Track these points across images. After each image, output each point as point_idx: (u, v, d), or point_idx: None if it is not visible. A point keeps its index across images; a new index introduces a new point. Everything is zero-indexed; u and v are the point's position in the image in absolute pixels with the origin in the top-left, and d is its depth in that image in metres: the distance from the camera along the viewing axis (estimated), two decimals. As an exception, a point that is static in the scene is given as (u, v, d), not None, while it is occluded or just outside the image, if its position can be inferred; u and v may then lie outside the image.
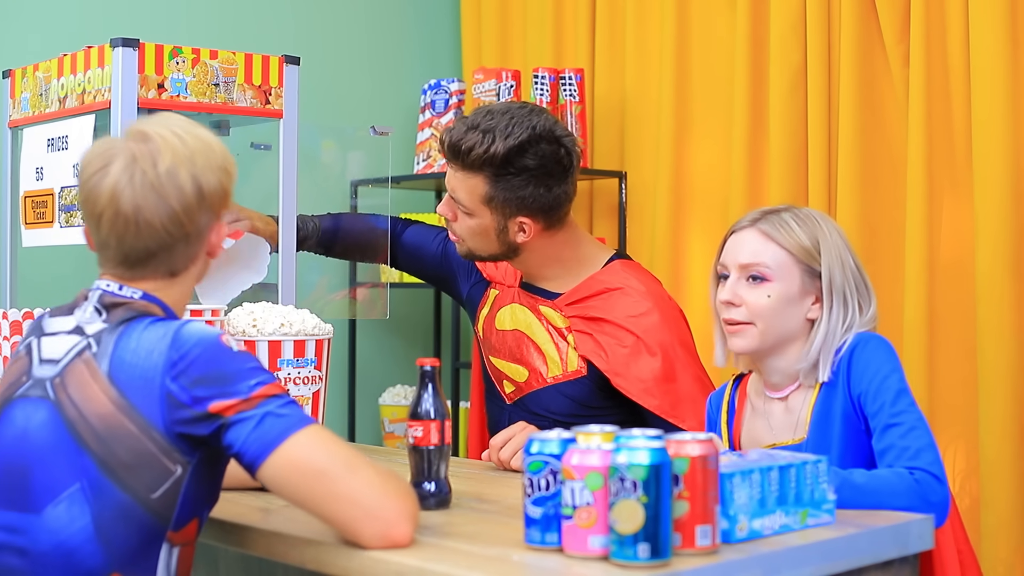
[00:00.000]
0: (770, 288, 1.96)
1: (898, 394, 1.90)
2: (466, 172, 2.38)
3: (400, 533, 1.55)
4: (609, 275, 2.44)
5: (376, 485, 1.55)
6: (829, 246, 1.98)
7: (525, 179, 2.35)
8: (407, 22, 3.92)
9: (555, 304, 2.46)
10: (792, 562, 1.54)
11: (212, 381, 1.57)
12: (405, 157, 3.76)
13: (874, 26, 2.94)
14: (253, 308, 2.27)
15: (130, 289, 1.67)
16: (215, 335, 1.61)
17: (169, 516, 1.59)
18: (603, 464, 1.47)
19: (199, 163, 1.66)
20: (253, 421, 1.56)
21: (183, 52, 2.40)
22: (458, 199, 2.41)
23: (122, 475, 1.56)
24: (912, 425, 1.87)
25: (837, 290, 1.97)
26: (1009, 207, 2.67)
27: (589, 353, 2.39)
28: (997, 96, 2.68)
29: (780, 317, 1.96)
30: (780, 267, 1.97)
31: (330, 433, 1.60)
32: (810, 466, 1.65)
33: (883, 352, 1.93)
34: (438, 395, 1.80)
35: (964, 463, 2.80)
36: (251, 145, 2.75)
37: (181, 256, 1.68)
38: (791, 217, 2.00)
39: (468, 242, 2.45)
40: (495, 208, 2.38)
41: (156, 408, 1.57)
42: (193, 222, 1.66)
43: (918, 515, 1.75)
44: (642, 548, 1.43)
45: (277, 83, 2.51)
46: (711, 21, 3.28)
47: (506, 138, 2.33)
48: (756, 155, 3.14)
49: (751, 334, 1.97)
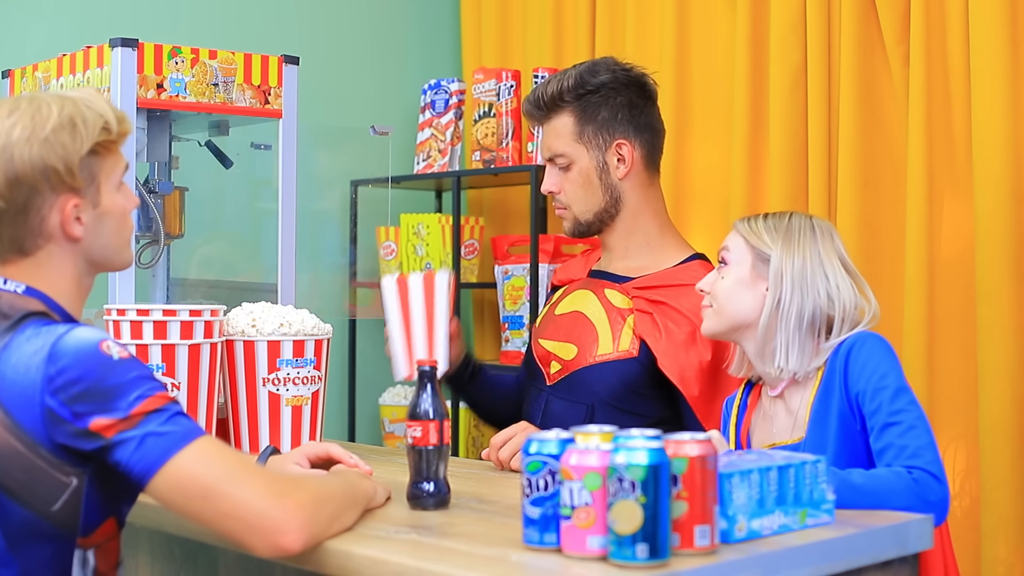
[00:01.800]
0: (726, 271, 2.08)
1: (896, 392, 1.90)
2: (552, 117, 2.44)
3: (288, 541, 1.52)
4: (687, 272, 2.44)
5: (261, 495, 1.52)
6: (792, 236, 2.04)
7: (604, 95, 2.42)
8: (407, 22, 3.92)
9: (623, 287, 2.46)
10: (791, 562, 1.54)
11: (91, 396, 1.52)
12: (405, 157, 3.77)
13: (874, 26, 2.94)
14: (252, 308, 2.27)
15: (13, 283, 1.64)
16: (94, 344, 1.55)
17: (74, 525, 1.57)
18: (601, 464, 1.47)
19: (15, 135, 1.60)
20: (134, 443, 1.51)
21: (182, 52, 2.40)
22: (555, 151, 2.44)
23: (19, 493, 1.54)
24: (911, 424, 1.87)
25: (789, 276, 2.01)
26: (1009, 207, 2.67)
27: (646, 332, 2.38)
28: (997, 96, 2.68)
29: (732, 298, 2.06)
30: (737, 252, 2.08)
31: (214, 446, 1.55)
32: (809, 466, 1.65)
33: (880, 350, 1.94)
34: (437, 395, 1.80)
35: (964, 463, 2.80)
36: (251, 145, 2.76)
37: (16, 230, 1.63)
38: (768, 215, 2.10)
39: (575, 207, 2.46)
40: (588, 140, 2.42)
41: (39, 425, 1.53)
42: (5, 197, 1.60)
43: (917, 515, 1.75)
44: (641, 548, 1.43)
45: (277, 83, 2.51)
46: (711, 21, 3.28)
47: (575, 68, 2.45)
48: (756, 155, 3.14)
49: (708, 314, 2.10)
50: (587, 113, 2.41)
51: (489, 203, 3.88)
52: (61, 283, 1.67)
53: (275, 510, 1.52)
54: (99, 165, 1.68)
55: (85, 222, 1.67)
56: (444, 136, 3.66)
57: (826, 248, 2.04)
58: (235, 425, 2.27)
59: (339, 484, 1.69)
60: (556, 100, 2.42)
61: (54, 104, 1.65)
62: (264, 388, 2.23)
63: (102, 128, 1.66)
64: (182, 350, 2.13)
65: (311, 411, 2.26)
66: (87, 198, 1.66)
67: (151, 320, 2.11)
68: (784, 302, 2.01)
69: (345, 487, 1.69)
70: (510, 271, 3.50)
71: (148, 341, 2.11)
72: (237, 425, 2.26)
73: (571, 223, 2.49)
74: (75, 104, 1.66)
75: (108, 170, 1.70)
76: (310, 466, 1.92)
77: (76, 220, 1.66)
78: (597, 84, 2.42)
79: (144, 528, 2.01)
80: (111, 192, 1.70)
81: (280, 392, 2.23)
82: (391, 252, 3.71)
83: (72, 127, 1.64)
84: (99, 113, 1.67)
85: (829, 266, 2.03)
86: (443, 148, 3.66)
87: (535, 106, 2.46)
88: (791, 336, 2.00)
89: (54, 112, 1.64)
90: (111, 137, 1.69)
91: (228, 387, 2.26)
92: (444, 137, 3.66)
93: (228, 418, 2.29)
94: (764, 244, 2.04)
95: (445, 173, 3.61)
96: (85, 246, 1.68)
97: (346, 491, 1.68)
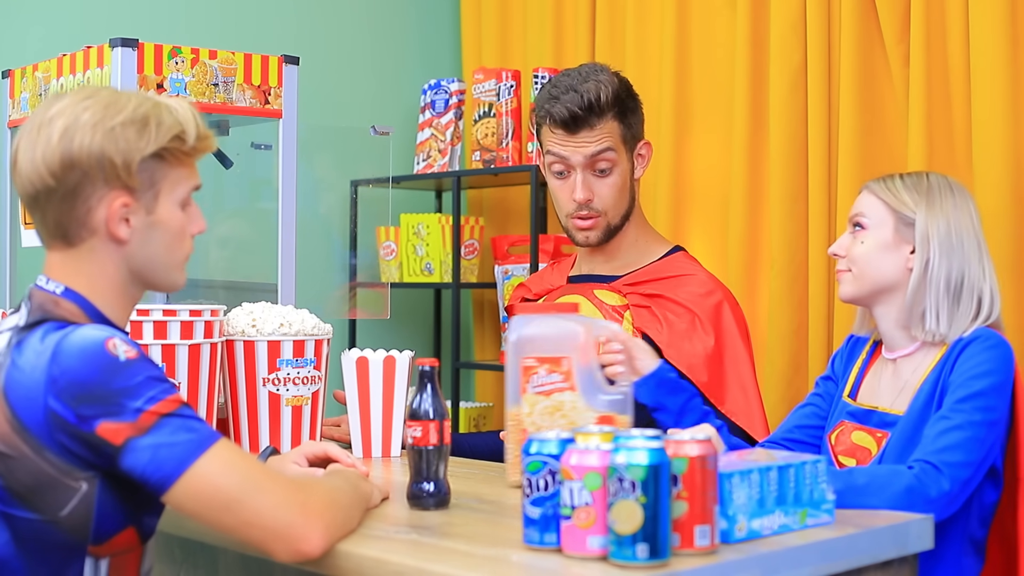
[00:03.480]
0: (864, 235, 2.05)
1: (974, 395, 1.89)
2: (602, 122, 2.40)
3: (311, 547, 1.51)
4: (673, 264, 2.46)
5: (282, 502, 1.51)
6: (935, 201, 2.02)
7: (632, 98, 2.46)
8: (407, 22, 3.92)
9: (612, 286, 2.46)
10: (791, 562, 1.54)
11: (97, 399, 1.47)
12: (405, 157, 3.77)
13: (874, 26, 2.94)
14: (252, 308, 2.27)
15: (54, 283, 1.60)
16: (99, 343, 1.49)
17: (85, 532, 1.53)
18: (602, 464, 1.47)
19: (84, 119, 1.55)
20: (148, 451, 1.47)
21: (182, 52, 2.40)
22: (605, 155, 2.40)
23: (27, 497, 1.51)
24: (959, 424, 1.87)
25: (937, 240, 2.00)
26: (1009, 207, 2.67)
27: (646, 324, 2.38)
28: (997, 96, 2.68)
29: (874, 263, 2.03)
30: (875, 215, 2.05)
31: (231, 451, 1.52)
32: (809, 466, 1.65)
33: (994, 354, 1.93)
34: (437, 395, 1.80)
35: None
36: (251, 145, 2.76)
37: (61, 214, 1.57)
38: (904, 176, 2.08)
39: (610, 211, 2.43)
40: (628, 143, 2.44)
41: (43, 427, 1.48)
42: (56, 177, 1.55)
43: (918, 515, 1.75)
44: (641, 548, 1.43)
45: (277, 83, 2.51)
46: (711, 21, 3.28)
47: (599, 73, 2.42)
48: (756, 155, 3.14)
49: (847, 280, 2.07)
50: (628, 116, 2.43)
51: (489, 203, 3.88)
52: (101, 283, 1.61)
53: (298, 519, 1.51)
54: (163, 172, 1.60)
55: (133, 225, 1.59)
56: (444, 136, 3.66)
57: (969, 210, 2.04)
58: (235, 425, 2.27)
59: (347, 487, 1.69)
60: (610, 103, 2.39)
61: (133, 99, 1.59)
62: (264, 388, 2.23)
63: (175, 136, 1.59)
64: (182, 350, 2.13)
65: (311, 411, 2.26)
66: (141, 201, 1.59)
67: (151, 320, 2.11)
68: (932, 265, 1.99)
69: (351, 489, 1.69)
70: (510, 271, 3.50)
71: (148, 341, 2.11)
72: (237, 425, 2.26)
73: (602, 230, 2.45)
74: (156, 106, 1.60)
75: (173, 181, 1.61)
76: (308, 466, 1.92)
77: (124, 221, 1.58)
78: (627, 87, 2.45)
79: (144, 528, 2.01)
80: (171, 205, 1.62)
81: (280, 392, 2.23)
82: (391, 252, 3.71)
83: (143, 125, 1.57)
84: (178, 120, 1.60)
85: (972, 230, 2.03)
86: (443, 148, 3.66)
87: (587, 112, 2.38)
88: (940, 299, 1.99)
89: (130, 106, 1.58)
90: (184, 148, 1.61)
91: (228, 387, 2.26)
92: (444, 137, 3.66)
93: (228, 418, 2.29)
94: (906, 207, 2.02)
95: (445, 173, 3.61)
96: (130, 252, 1.60)
97: (353, 493, 1.69)
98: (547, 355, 1.91)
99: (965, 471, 1.85)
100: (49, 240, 1.62)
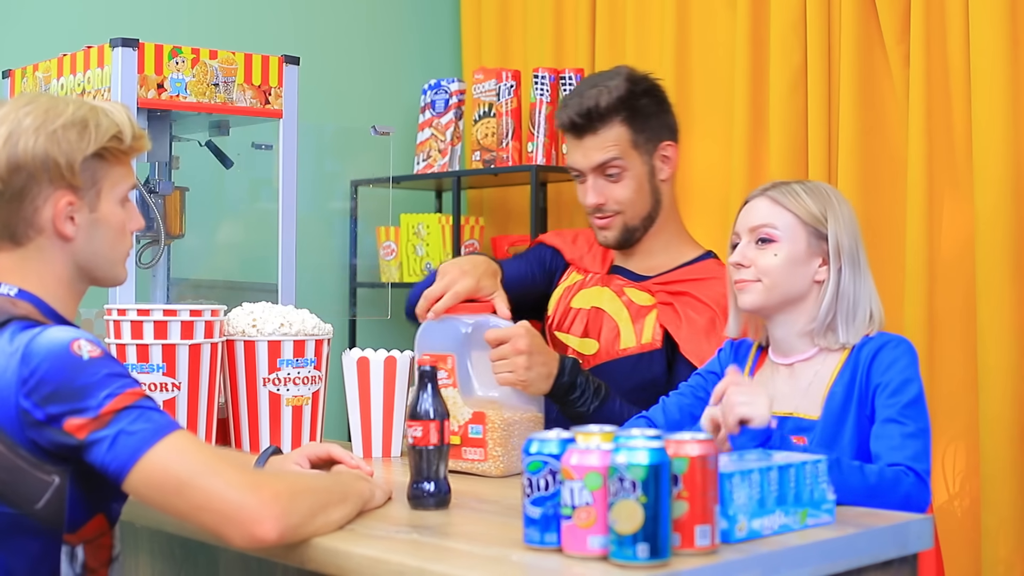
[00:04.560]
0: (777, 248, 2.02)
1: (914, 401, 1.92)
2: (605, 128, 2.41)
3: (264, 531, 1.52)
4: (703, 268, 2.47)
5: (234, 486, 1.52)
6: (837, 213, 2.03)
7: (650, 100, 2.44)
8: (407, 22, 3.92)
9: (643, 285, 2.47)
10: (792, 562, 1.54)
11: (63, 397, 1.52)
12: (405, 157, 3.77)
13: (874, 26, 2.94)
14: (253, 308, 2.27)
15: (7, 285, 1.65)
16: (64, 344, 1.54)
17: (59, 521, 1.57)
18: (602, 464, 1.47)
19: (25, 123, 1.63)
20: (106, 442, 1.51)
21: (183, 52, 2.40)
22: (609, 161, 2.41)
23: (2, 492, 1.54)
24: (915, 432, 1.89)
25: (845, 252, 2.01)
26: (1009, 207, 2.67)
27: (667, 320, 2.40)
28: (997, 96, 2.68)
29: (786, 276, 2.02)
30: (787, 229, 2.03)
31: (187, 440, 1.55)
32: (809, 466, 1.65)
33: (912, 358, 1.96)
34: (437, 395, 1.80)
35: (964, 463, 2.80)
36: (251, 145, 2.76)
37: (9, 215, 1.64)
38: (800, 186, 2.06)
39: (626, 213, 2.45)
40: (641, 147, 2.43)
41: (16, 426, 1.53)
42: (3, 180, 1.62)
43: (917, 515, 1.75)
44: (641, 548, 1.43)
45: (277, 83, 2.51)
46: (711, 21, 3.28)
47: (611, 79, 2.42)
48: (756, 155, 3.14)
49: (757, 289, 2.03)
50: (639, 120, 2.42)
51: (489, 203, 3.88)
52: (51, 281, 1.68)
53: (249, 500, 1.51)
54: (104, 171, 1.68)
55: (78, 223, 1.67)
56: (444, 136, 3.66)
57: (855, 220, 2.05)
58: (235, 425, 2.27)
59: (323, 479, 1.69)
60: (611, 112, 2.40)
61: (72, 104, 1.68)
62: (264, 388, 2.23)
63: (113, 136, 1.67)
64: (182, 350, 2.13)
65: (311, 411, 2.27)
66: (84, 200, 1.67)
67: (151, 320, 2.11)
68: (844, 276, 2.01)
69: (331, 483, 1.69)
70: (510, 271, 3.49)
71: (148, 341, 2.11)
72: (237, 425, 2.26)
73: (618, 231, 2.46)
74: (93, 109, 1.69)
75: (113, 180, 1.70)
76: (310, 467, 1.92)
77: (69, 219, 1.66)
78: (643, 90, 2.43)
79: (144, 528, 2.01)
80: (112, 203, 1.70)
81: (280, 392, 2.23)
82: (391, 252, 3.71)
83: (83, 127, 1.65)
84: (115, 122, 1.68)
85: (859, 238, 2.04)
86: (443, 148, 3.66)
87: (587, 118, 2.40)
88: (850, 308, 2.00)
89: (69, 110, 1.66)
90: (122, 147, 1.69)
91: (228, 387, 2.27)
92: (444, 137, 3.66)
93: (228, 418, 2.29)
94: (819, 221, 2.02)
95: (445, 173, 3.61)
96: (76, 248, 1.68)
97: (331, 486, 1.68)
98: (437, 352, 2.14)
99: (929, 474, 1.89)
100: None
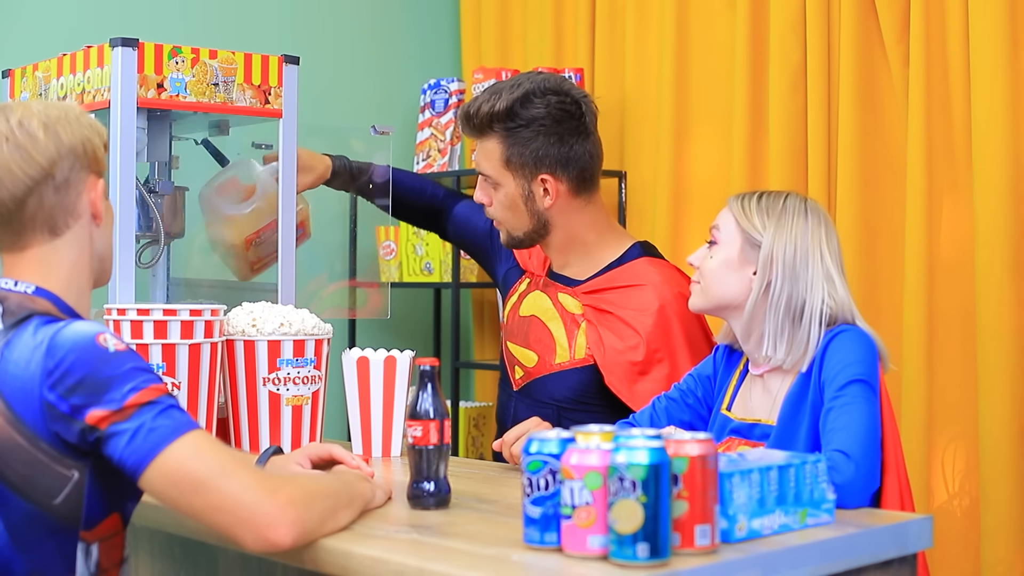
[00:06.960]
0: (715, 250, 2.07)
1: (854, 381, 1.88)
2: (483, 138, 2.42)
3: (279, 535, 1.52)
4: (631, 274, 2.44)
5: (252, 489, 1.52)
6: (785, 226, 2.01)
7: (534, 131, 2.38)
8: (407, 22, 3.92)
9: (574, 291, 2.47)
10: (791, 562, 1.54)
11: (87, 388, 1.53)
12: (405, 157, 3.77)
13: (874, 26, 2.94)
14: (252, 308, 2.27)
15: (23, 284, 1.65)
16: (90, 336, 1.55)
17: (77, 518, 1.57)
18: (602, 464, 1.47)
19: (52, 115, 1.65)
20: (127, 435, 1.52)
21: (182, 52, 2.39)
22: (483, 171, 2.44)
23: (21, 486, 1.55)
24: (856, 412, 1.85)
25: (780, 266, 1.99)
26: (1009, 207, 2.67)
27: (593, 344, 2.40)
28: (997, 96, 2.68)
29: (719, 279, 2.04)
30: (727, 232, 2.06)
31: (207, 440, 1.56)
32: (809, 466, 1.65)
33: (859, 343, 1.93)
34: (437, 395, 1.80)
35: (964, 463, 2.80)
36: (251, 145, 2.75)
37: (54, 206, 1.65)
38: (765, 195, 2.06)
39: (505, 224, 2.47)
40: (515, 169, 2.40)
41: (39, 419, 1.53)
42: (54, 164, 1.64)
43: (917, 515, 1.76)
44: (641, 548, 1.43)
45: (276, 83, 2.51)
46: (711, 21, 3.28)
47: (511, 91, 2.39)
48: (756, 155, 3.14)
49: (696, 291, 2.09)
50: (515, 145, 2.39)
51: (489, 203, 3.88)
52: (69, 277, 1.68)
53: (266, 504, 1.52)
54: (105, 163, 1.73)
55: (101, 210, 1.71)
56: (444, 136, 3.66)
57: (820, 236, 2.01)
58: (235, 425, 2.27)
59: (333, 482, 1.70)
60: (486, 124, 2.40)
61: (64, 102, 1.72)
62: (264, 388, 2.23)
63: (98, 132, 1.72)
64: (182, 350, 2.13)
65: (311, 411, 2.26)
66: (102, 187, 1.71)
67: (151, 320, 2.11)
68: (774, 290, 1.99)
69: (339, 486, 1.69)
70: (510, 271, 3.50)
71: (148, 341, 2.11)
72: (237, 425, 2.26)
73: (504, 236, 2.50)
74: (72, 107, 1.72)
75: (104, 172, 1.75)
76: (311, 467, 1.92)
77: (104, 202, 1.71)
78: (528, 118, 2.38)
79: (144, 527, 2.01)
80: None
81: (280, 392, 2.23)
82: (391, 252, 3.71)
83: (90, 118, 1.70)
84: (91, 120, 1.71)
85: (820, 256, 2.00)
86: (443, 148, 3.66)
87: (466, 123, 2.44)
88: (780, 325, 1.99)
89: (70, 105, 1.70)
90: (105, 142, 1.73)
91: (228, 387, 2.27)
92: (444, 137, 3.66)
93: (228, 418, 2.29)
94: (755, 229, 2.02)
95: (445, 173, 3.61)
96: (100, 235, 1.72)
97: (340, 490, 1.68)
98: None
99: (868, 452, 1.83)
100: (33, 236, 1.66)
